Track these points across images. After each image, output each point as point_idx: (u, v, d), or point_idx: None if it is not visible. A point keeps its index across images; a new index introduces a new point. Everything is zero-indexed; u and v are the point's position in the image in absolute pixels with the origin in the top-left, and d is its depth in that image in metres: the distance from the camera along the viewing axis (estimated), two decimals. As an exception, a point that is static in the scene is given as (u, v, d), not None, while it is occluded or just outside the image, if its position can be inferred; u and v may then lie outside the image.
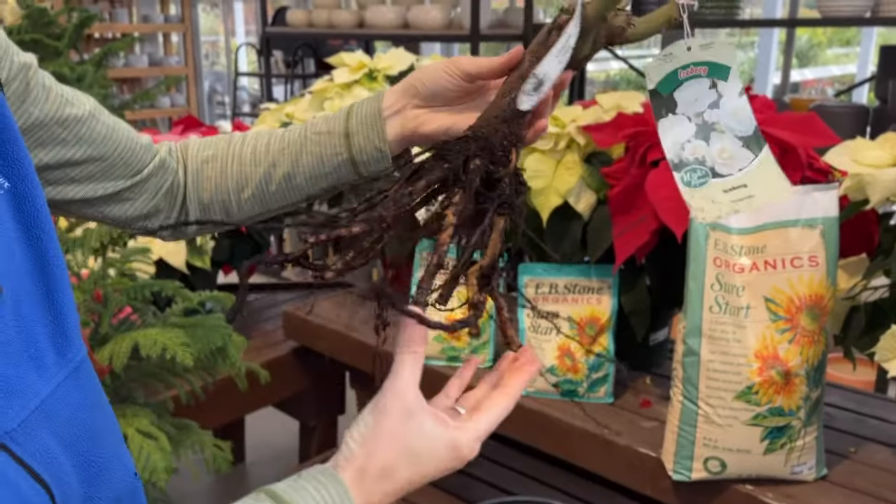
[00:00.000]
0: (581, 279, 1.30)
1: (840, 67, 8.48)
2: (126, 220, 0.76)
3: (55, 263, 0.59)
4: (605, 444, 1.19)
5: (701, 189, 0.61)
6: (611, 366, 1.29)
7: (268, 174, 0.75)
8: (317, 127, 0.75)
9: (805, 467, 1.05)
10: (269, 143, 0.76)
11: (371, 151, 0.72)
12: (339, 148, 0.73)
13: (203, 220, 0.80)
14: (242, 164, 0.77)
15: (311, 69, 5.18)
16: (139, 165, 0.75)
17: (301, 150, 0.74)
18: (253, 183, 0.76)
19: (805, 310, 1.01)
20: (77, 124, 0.70)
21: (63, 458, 0.56)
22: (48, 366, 0.56)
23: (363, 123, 0.73)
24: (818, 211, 1.01)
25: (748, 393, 1.01)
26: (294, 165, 0.74)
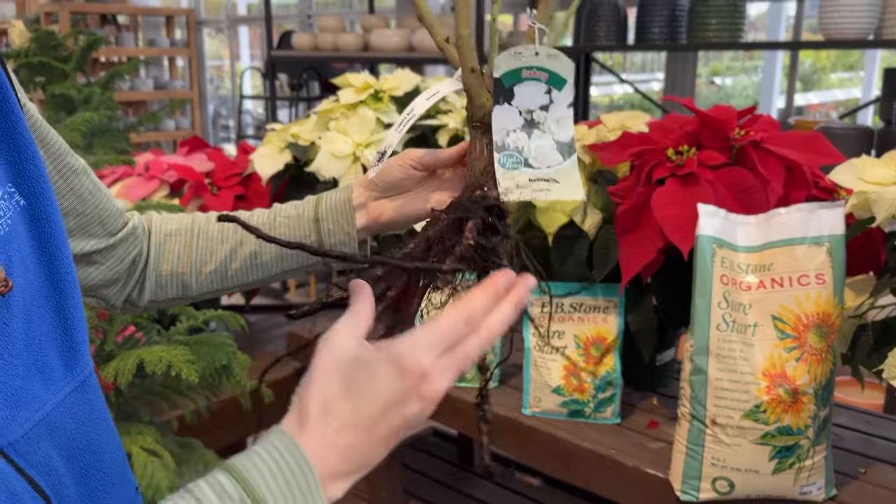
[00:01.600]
0: (587, 298, 1.30)
1: (844, 91, 8.51)
2: (87, 285, 0.77)
3: (67, 280, 0.59)
4: (611, 465, 1.18)
5: (511, 172, 0.68)
6: (617, 386, 1.28)
7: (234, 251, 0.78)
8: (286, 212, 0.79)
9: (814, 487, 1.04)
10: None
11: (340, 236, 0.76)
12: (308, 230, 0.77)
13: (158, 299, 0.81)
14: (209, 239, 0.79)
15: (315, 92, 5.22)
16: (113, 228, 0.76)
17: (269, 230, 0.78)
18: (217, 258, 0.78)
19: (813, 328, 1.00)
20: (72, 175, 0.71)
21: (64, 470, 0.56)
22: (55, 379, 0.57)
23: (333, 210, 0.77)
24: (824, 229, 1.01)
25: (756, 412, 1.00)
26: (261, 244, 0.77)
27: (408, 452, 1.99)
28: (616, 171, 1.28)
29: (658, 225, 1.09)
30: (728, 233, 1.04)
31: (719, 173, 1.10)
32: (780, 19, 4.52)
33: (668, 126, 1.21)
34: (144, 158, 1.86)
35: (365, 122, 1.57)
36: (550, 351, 1.31)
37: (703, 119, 1.15)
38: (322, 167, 1.54)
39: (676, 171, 1.12)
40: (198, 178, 1.74)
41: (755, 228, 1.04)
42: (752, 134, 1.12)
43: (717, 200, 1.07)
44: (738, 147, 1.12)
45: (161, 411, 1.22)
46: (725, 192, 1.09)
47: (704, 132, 1.15)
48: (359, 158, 1.54)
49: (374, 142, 1.56)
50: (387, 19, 3.84)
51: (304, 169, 1.61)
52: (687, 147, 1.14)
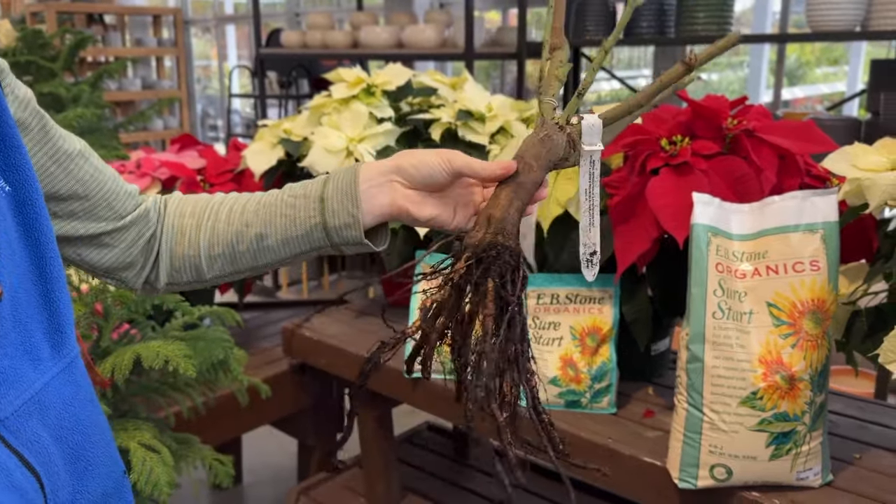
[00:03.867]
0: (582, 289, 1.30)
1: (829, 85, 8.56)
2: (103, 267, 0.77)
3: (53, 264, 0.60)
4: (609, 454, 1.18)
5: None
6: (614, 376, 1.29)
7: (239, 233, 0.77)
8: (294, 190, 0.78)
9: (811, 473, 1.05)
10: (246, 204, 0.78)
11: (344, 217, 0.74)
12: (313, 211, 0.75)
13: (174, 281, 0.81)
14: (217, 220, 0.78)
15: (305, 90, 5.21)
16: (122, 210, 0.76)
17: (276, 211, 0.76)
18: (224, 241, 0.77)
19: (808, 314, 1.01)
20: (67, 160, 0.71)
21: (53, 448, 0.57)
22: (43, 359, 0.58)
23: (338, 190, 0.75)
24: (818, 216, 1.02)
25: (753, 398, 1.00)
26: (267, 226, 0.76)
27: (404, 447, 1.99)
28: (609, 163, 1.28)
29: (653, 214, 1.09)
30: (722, 221, 1.04)
31: (713, 162, 1.10)
32: (765, 15, 4.55)
33: (661, 116, 1.22)
34: (136, 155, 1.85)
35: (358, 117, 1.57)
36: (547, 342, 1.32)
37: (696, 109, 1.16)
38: (315, 162, 1.54)
39: (670, 160, 1.12)
40: (190, 174, 1.73)
41: (749, 216, 1.04)
42: (744, 123, 1.13)
43: (712, 189, 1.07)
44: (731, 136, 1.13)
45: (158, 407, 1.21)
46: (719, 181, 1.09)
47: (697, 122, 1.16)
48: (352, 153, 1.54)
49: (367, 136, 1.56)
50: (376, 16, 3.83)
51: (296, 164, 1.61)
52: (680, 137, 1.15)
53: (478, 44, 3.20)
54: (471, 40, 3.11)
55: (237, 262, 0.78)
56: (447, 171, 0.73)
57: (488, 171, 0.72)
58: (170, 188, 1.74)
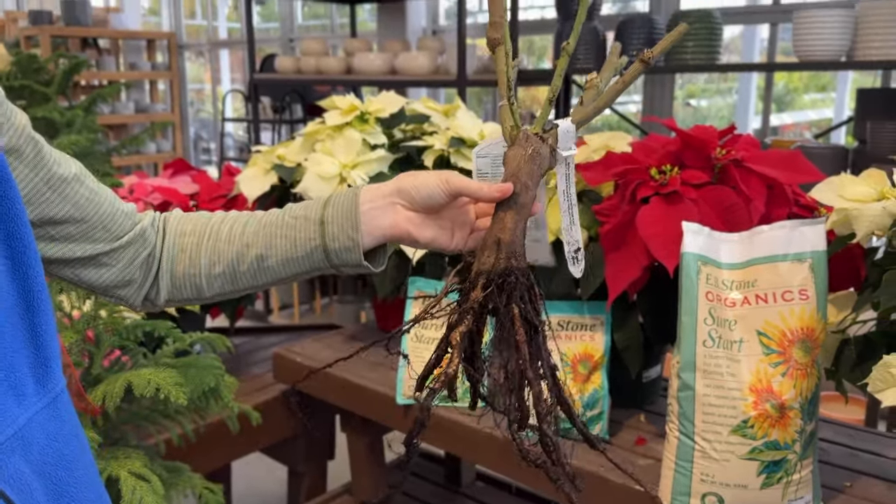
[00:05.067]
0: (574, 316, 1.31)
1: (816, 112, 8.66)
2: (101, 286, 0.77)
3: (40, 298, 0.60)
4: (601, 483, 1.18)
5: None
6: (605, 403, 1.29)
7: (240, 253, 0.77)
8: (294, 211, 0.78)
9: (802, 502, 1.05)
10: (247, 223, 0.79)
11: (344, 240, 0.75)
12: (314, 234, 0.76)
13: (174, 298, 0.81)
14: (218, 240, 0.79)
15: (298, 115, 5.23)
16: (119, 231, 0.76)
17: (276, 232, 0.77)
18: (225, 260, 0.78)
19: (797, 343, 1.01)
20: (62, 184, 0.71)
21: (36, 485, 0.56)
22: (27, 395, 0.57)
23: (339, 213, 0.76)
24: (806, 245, 1.03)
25: (744, 427, 1.01)
26: (267, 247, 0.77)
27: (394, 473, 1.98)
28: (600, 191, 1.30)
29: (643, 243, 1.10)
30: (712, 250, 1.05)
31: (702, 192, 1.12)
32: (753, 42, 4.61)
33: (650, 146, 1.23)
34: (129, 181, 1.85)
35: (351, 144, 1.58)
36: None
37: (685, 139, 1.17)
38: (309, 188, 1.55)
39: (660, 189, 1.14)
40: (183, 200, 1.74)
41: (739, 246, 1.05)
42: (733, 153, 1.15)
43: (701, 218, 1.08)
44: (720, 166, 1.15)
45: (148, 435, 1.21)
46: (709, 210, 1.11)
47: (687, 151, 1.17)
48: (345, 179, 1.54)
49: (360, 163, 1.57)
50: (369, 43, 3.87)
51: (290, 190, 1.61)
52: (670, 166, 1.16)
53: (470, 71, 3.23)
54: (463, 67, 3.14)
55: (237, 282, 0.78)
56: (446, 191, 0.74)
57: (486, 193, 0.72)
58: (162, 213, 1.74)
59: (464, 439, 1.36)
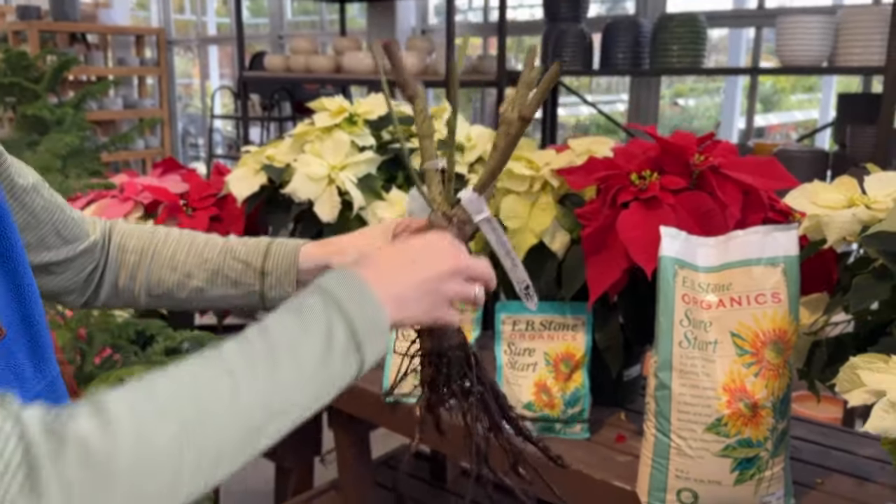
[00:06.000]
0: (556, 316, 1.34)
1: (803, 113, 8.74)
2: (47, 292, 0.80)
3: (30, 291, 0.65)
4: (581, 479, 1.22)
5: None
6: (587, 401, 1.32)
7: (182, 283, 0.82)
8: (237, 253, 0.83)
9: (774, 497, 1.08)
10: (189, 251, 0.83)
11: (280, 291, 0.82)
12: (253, 280, 0.82)
13: (111, 305, 0.87)
14: (160, 265, 0.83)
15: (287, 112, 5.24)
16: (71, 237, 0.80)
17: (218, 271, 0.82)
18: (165, 286, 0.83)
19: (770, 344, 1.05)
20: (22, 193, 0.74)
21: None
22: (27, 378, 0.62)
23: (278, 267, 0.82)
24: (779, 250, 1.07)
25: (718, 425, 1.04)
26: (208, 283, 0.82)
27: (381, 470, 2.01)
28: (583, 195, 1.33)
29: (623, 246, 1.14)
30: (689, 254, 1.09)
31: (680, 197, 1.15)
32: (740, 41, 4.66)
33: (631, 151, 1.27)
34: (119, 179, 1.87)
35: (339, 146, 1.61)
36: (521, 368, 1.35)
37: (665, 145, 1.20)
38: (298, 189, 1.57)
39: (640, 194, 1.17)
40: (172, 199, 1.76)
41: (714, 250, 1.09)
42: (710, 159, 1.18)
43: (679, 223, 1.12)
44: (698, 172, 1.18)
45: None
46: (686, 216, 1.14)
47: (666, 158, 1.21)
48: (334, 181, 1.57)
49: (348, 164, 1.59)
50: (358, 41, 3.89)
51: (279, 191, 1.64)
52: (650, 172, 1.19)
53: (459, 70, 3.25)
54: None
55: (174, 303, 0.83)
56: (386, 232, 0.82)
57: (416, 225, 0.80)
58: (152, 213, 1.76)
59: (448, 436, 1.39)
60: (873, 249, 0.99)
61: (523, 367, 1.35)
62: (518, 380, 1.34)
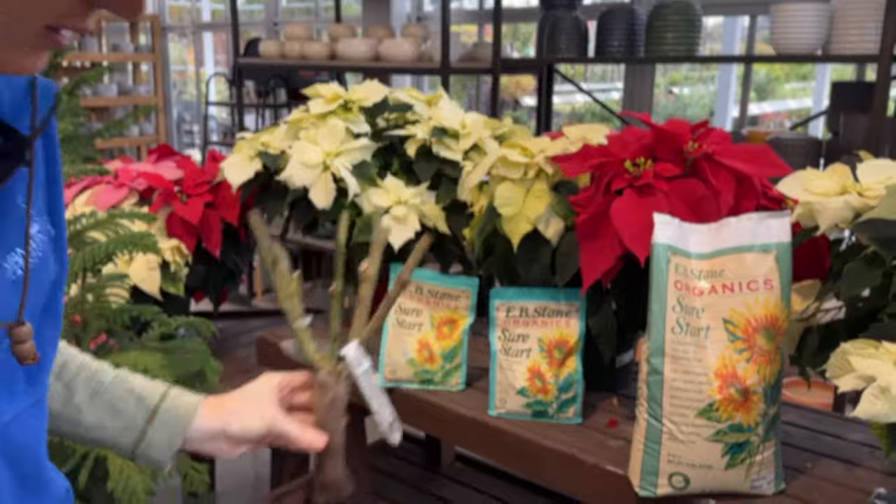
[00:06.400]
0: (550, 303, 1.35)
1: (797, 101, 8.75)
2: None
3: (57, 304, 0.63)
4: (573, 463, 1.23)
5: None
6: (580, 387, 1.34)
7: (63, 395, 0.79)
8: (123, 403, 0.80)
9: (764, 482, 1.10)
10: (83, 367, 0.81)
11: (150, 459, 0.81)
12: (130, 440, 0.80)
13: None
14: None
15: (282, 99, 5.23)
16: None
17: (102, 394, 0.80)
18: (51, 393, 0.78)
19: (761, 330, 1.06)
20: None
21: (6, 475, 0.59)
22: (17, 393, 0.60)
23: (161, 440, 0.80)
24: (772, 237, 1.07)
25: (709, 410, 1.05)
26: (88, 401, 0.79)
27: (375, 455, 2.02)
28: (577, 182, 1.33)
29: (616, 233, 1.14)
30: (682, 241, 1.09)
31: (674, 184, 1.16)
32: (735, 30, 4.65)
33: (625, 139, 1.27)
34: (114, 166, 1.86)
35: (335, 132, 1.61)
36: (515, 354, 1.36)
37: (659, 133, 1.21)
38: (292, 176, 1.57)
39: (634, 182, 1.17)
40: (167, 185, 1.76)
41: (707, 237, 1.10)
42: (704, 147, 1.19)
43: (672, 210, 1.12)
44: (692, 160, 1.18)
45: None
46: (679, 203, 1.15)
47: (660, 145, 1.21)
48: (329, 168, 1.57)
49: (343, 151, 1.59)
50: (353, 28, 3.87)
51: (274, 177, 1.64)
52: (643, 159, 1.20)
53: (454, 58, 3.25)
54: (447, 55, 3.16)
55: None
56: (267, 437, 0.83)
57: (304, 443, 0.81)
58: (147, 199, 1.76)
59: (444, 422, 1.40)
60: (865, 236, 1.00)
61: (517, 353, 1.36)
62: (512, 366, 1.35)
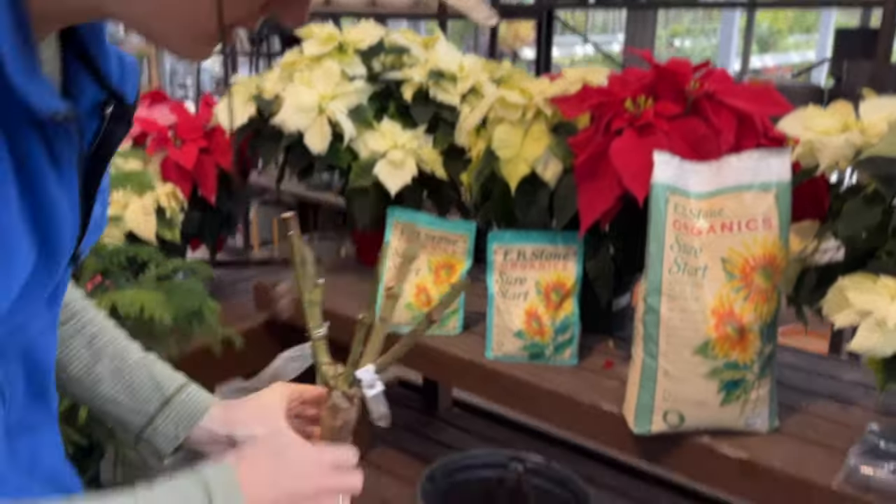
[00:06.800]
0: (548, 246, 1.35)
1: (800, 54, 8.64)
2: None
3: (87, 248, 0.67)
4: (570, 402, 1.24)
5: None
6: (576, 328, 1.34)
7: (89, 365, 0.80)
8: (154, 369, 0.82)
9: (759, 419, 1.11)
10: (114, 337, 0.81)
11: (169, 431, 0.81)
12: (154, 399, 0.80)
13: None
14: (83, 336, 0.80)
15: (276, 48, 5.15)
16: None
17: (124, 372, 0.80)
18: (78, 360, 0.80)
19: (759, 269, 1.06)
20: None
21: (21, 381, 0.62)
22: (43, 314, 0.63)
23: (186, 404, 0.81)
24: (772, 175, 1.06)
25: (706, 348, 1.06)
26: (111, 378, 0.80)
27: (374, 401, 2.04)
28: (576, 123, 1.32)
29: (616, 173, 1.13)
30: (681, 180, 1.08)
31: (674, 123, 1.14)
32: (739, -20, 4.58)
33: (626, 79, 1.25)
34: (106, 111, 1.83)
35: (329, 75, 1.58)
36: (513, 297, 1.36)
37: (660, 72, 1.19)
38: (287, 120, 1.55)
39: (634, 121, 1.16)
40: (161, 130, 1.73)
41: (707, 176, 1.09)
42: (706, 86, 1.17)
43: (672, 149, 1.11)
44: (693, 99, 1.17)
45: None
46: (680, 142, 1.13)
47: (661, 84, 1.19)
48: (324, 111, 1.55)
49: (338, 94, 1.57)
50: (348, -26, 3.79)
51: (268, 122, 1.62)
52: (644, 98, 1.18)
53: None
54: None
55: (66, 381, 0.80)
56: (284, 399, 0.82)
57: (311, 394, 0.79)
58: (141, 144, 1.74)
59: (441, 365, 1.41)
60: (866, 174, 0.99)
61: (514, 296, 1.36)
62: (509, 308, 1.36)
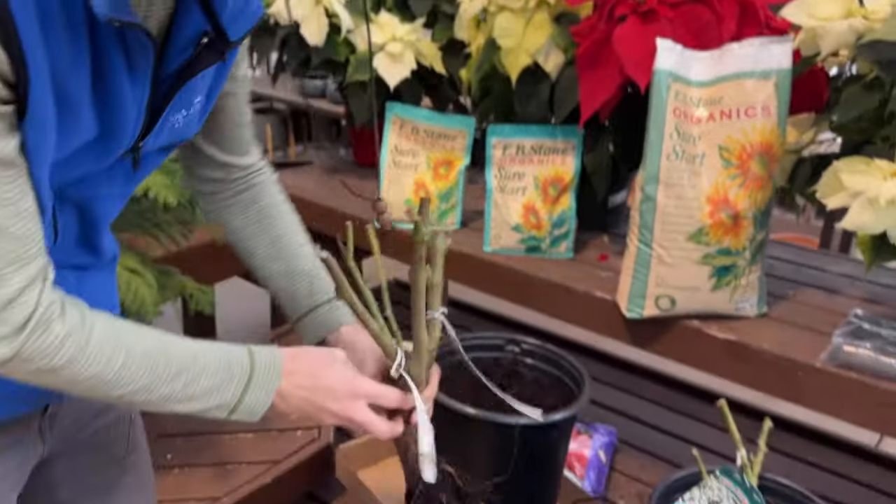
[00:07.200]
0: (547, 140, 1.35)
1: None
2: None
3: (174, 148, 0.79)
4: (565, 291, 1.27)
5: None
6: (572, 223, 1.36)
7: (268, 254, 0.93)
8: (316, 275, 0.93)
9: (748, 304, 1.14)
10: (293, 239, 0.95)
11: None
12: (309, 298, 0.92)
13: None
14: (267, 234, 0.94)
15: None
16: (234, 155, 0.88)
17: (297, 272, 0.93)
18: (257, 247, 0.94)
19: (756, 157, 1.07)
20: (233, 82, 0.81)
21: (74, 226, 0.72)
22: (118, 185, 0.74)
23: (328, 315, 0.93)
24: (773, 62, 1.07)
25: (699, 234, 1.08)
26: (285, 265, 0.93)
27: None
28: (579, 13, 1.30)
29: (618, 61, 1.13)
30: (683, 67, 1.08)
31: (678, 11, 1.13)
32: None
33: (631, -34, 1.23)
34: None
35: (327, -36, 1.55)
36: (511, 192, 1.37)
37: (665, -42, 1.17)
38: (283, 10, 1.53)
39: (637, 8, 1.15)
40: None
41: (708, 63, 1.09)
42: (711, -27, 1.15)
43: (675, 37, 1.11)
44: (697, -14, 1.15)
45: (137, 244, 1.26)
46: (683, 30, 1.13)
47: (666, -29, 1.17)
48: (321, 1, 1.52)
49: (337, -15, 1.54)
50: None
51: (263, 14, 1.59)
52: (648, -15, 1.17)
53: None
54: None
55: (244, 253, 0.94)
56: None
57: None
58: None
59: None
60: (867, 59, 0.99)
61: (513, 190, 1.38)
62: (507, 203, 1.37)
